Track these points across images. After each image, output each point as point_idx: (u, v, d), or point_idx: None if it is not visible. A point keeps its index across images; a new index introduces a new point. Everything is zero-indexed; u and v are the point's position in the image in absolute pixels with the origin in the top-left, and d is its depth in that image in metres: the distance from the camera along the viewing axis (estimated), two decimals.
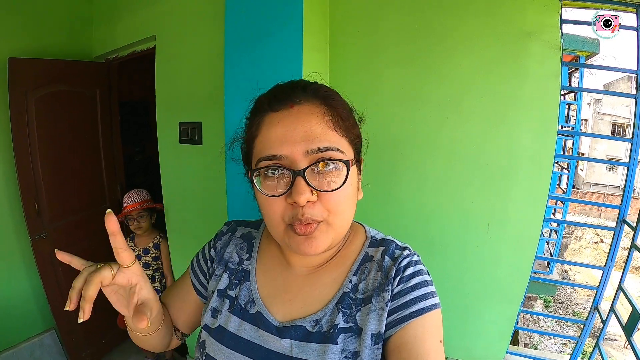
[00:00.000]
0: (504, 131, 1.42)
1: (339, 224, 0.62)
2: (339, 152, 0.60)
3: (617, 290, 1.56)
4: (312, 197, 0.58)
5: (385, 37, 1.54)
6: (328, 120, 0.62)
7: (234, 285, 0.74)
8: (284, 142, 0.60)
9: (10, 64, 2.16)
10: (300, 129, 0.60)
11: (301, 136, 0.59)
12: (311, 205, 0.59)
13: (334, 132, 0.62)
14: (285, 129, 0.60)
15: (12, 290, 2.47)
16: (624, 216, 1.51)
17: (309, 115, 0.61)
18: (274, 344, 0.65)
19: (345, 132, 0.64)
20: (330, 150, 0.59)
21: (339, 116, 0.63)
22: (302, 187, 0.57)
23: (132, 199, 2.37)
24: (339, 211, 0.61)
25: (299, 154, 0.59)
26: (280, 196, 0.59)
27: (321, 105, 0.63)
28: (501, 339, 1.63)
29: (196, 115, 2.03)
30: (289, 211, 0.60)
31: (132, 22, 2.34)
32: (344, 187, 0.60)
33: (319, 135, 0.60)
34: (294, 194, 0.57)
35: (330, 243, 0.62)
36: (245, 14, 1.46)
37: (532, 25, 1.33)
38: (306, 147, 0.59)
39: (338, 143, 0.61)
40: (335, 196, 0.60)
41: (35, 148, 2.30)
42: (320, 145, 0.59)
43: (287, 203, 0.60)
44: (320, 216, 0.60)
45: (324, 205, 0.60)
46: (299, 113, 0.62)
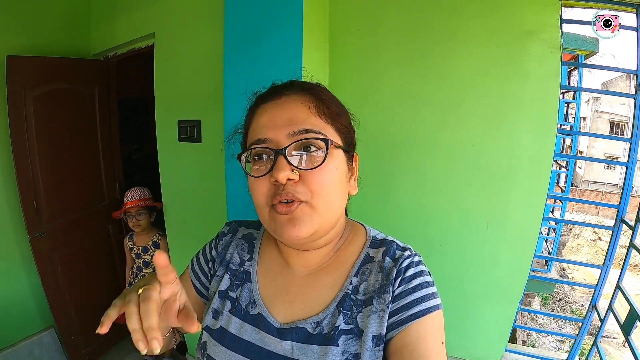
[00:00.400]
0: (504, 131, 1.42)
1: (323, 208, 0.62)
2: (320, 134, 0.62)
3: (615, 289, 1.57)
4: (293, 175, 0.60)
5: (385, 37, 1.54)
6: (312, 107, 0.65)
7: (235, 286, 0.74)
8: (269, 127, 0.63)
9: (8, 61, 2.15)
10: (285, 114, 0.64)
11: (285, 120, 0.63)
12: (293, 184, 0.60)
13: (318, 118, 0.64)
14: (272, 115, 0.65)
15: (11, 288, 2.46)
16: (623, 215, 1.51)
17: (294, 103, 0.65)
18: (275, 346, 0.65)
19: (330, 119, 0.66)
20: (312, 132, 0.62)
21: (324, 104, 0.66)
22: (282, 164, 0.59)
23: (132, 196, 2.38)
24: (322, 193, 0.61)
25: (282, 136, 0.62)
26: (264, 176, 0.62)
27: (307, 95, 0.66)
28: (500, 338, 1.64)
29: (195, 113, 2.03)
30: (272, 191, 0.62)
31: (131, 20, 2.33)
32: (326, 169, 0.61)
33: (302, 119, 0.63)
34: (274, 171, 0.59)
35: (315, 229, 0.62)
36: (245, 12, 1.46)
37: (532, 25, 1.33)
38: (289, 129, 0.62)
39: (322, 127, 0.64)
40: (318, 176, 0.61)
41: (34, 146, 2.29)
42: (302, 127, 0.62)
43: (270, 183, 0.61)
44: (303, 196, 0.60)
45: (307, 186, 0.60)
46: (285, 102, 0.66)
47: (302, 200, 0.60)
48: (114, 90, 2.78)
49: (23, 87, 2.21)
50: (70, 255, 2.55)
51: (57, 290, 2.49)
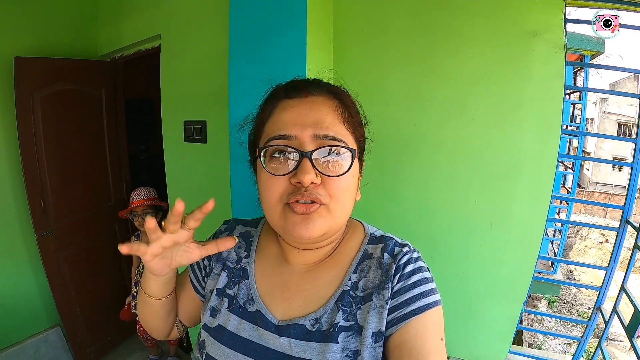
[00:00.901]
0: (508, 131, 1.42)
1: (338, 212, 0.63)
2: (343, 144, 0.63)
3: (620, 291, 1.56)
4: (317, 179, 0.60)
5: (389, 37, 1.54)
6: (339, 114, 0.65)
7: (232, 283, 0.75)
8: (295, 124, 0.62)
9: (16, 63, 2.18)
10: (312, 115, 0.63)
11: (312, 121, 0.62)
12: (315, 187, 0.60)
13: (342, 125, 0.65)
14: (298, 114, 0.64)
15: (17, 287, 2.49)
16: (628, 217, 1.50)
17: (321, 105, 0.65)
18: (274, 343, 0.65)
19: (352, 128, 0.66)
20: (336, 140, 0.62)
21: (348, 112, 0.66)
22: (308, 167, 0.59)
23: (138, 195, 2.39)
24: (340, 199, 0.62)
25: (307, 137, 0.61)
26: (284, 176, 0.61)
27: (334, 99, 0.66)
28: (504, 339, 1.63)
29: (201, 113, 2.04)
30: (290, 190, 0.61)
31: (138, 21, 2.36)
32: (347, 176, 0.62)
33: (329, 124, 0.63)
34: (300, 173, 0.59)
35: (326, 231, 0.63)
36: (250, 13, 1.47)
37: (536, 25, 1.32)
38: (315, 131, 0.61)
39: (344, 136, 0.64)
40: (339, 182, 0.61)
41: (41, 146, 2.32)
42: (328, 132, 0.61)
43: (289, 183, 0.61)
44: (324, 199, 0.61)
45: (327, 190, 0.61)
46: (312, 102, 0.65)
47: (323, 203, 0.61)
48: (121, 91, 2.81)
49: (31, 88, 2.24)
50: (76, 255, 2.58)
51: (64, 289, 2.51)
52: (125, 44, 2.50)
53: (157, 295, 0.74)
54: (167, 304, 0.77)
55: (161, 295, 0.74)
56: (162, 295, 0.74)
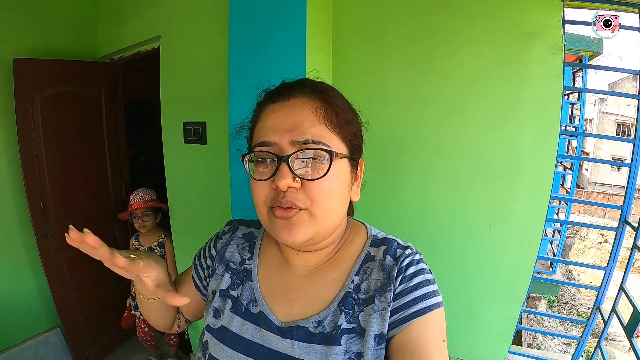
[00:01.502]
0: (506, 131, 1.42)
1: (321, 215, 0.62)
2: (323, 145, 0.61)
3: (619, 290, 1.56)
4: (294, 183, 0.60)
5: (389, 38, 1.54)
6: (319, 114, 0.64)
7: (236, 285, 0.75)
8: (274, 130, 0.63)
9: (15, 64, 2.18)
10: (290, 119, 0.63)
11: (290, 125, 0.62)
12: (294, 191, 0.60)
13: (323, 126, 0.63)
14: (278, 119, 0.64)
15: (17, 288, 2.49)
16: (626, 216, 1.50)
17: (301, 107, 0.64)
18: (277, 344, 0.65)
19: (337, 127, 0.65)
20: (312, 143, 0.61)
21: (332, 111, 0.65)
22: (284, 172, 0.59)
23: (138, 197, 2.39)
24: (322, 202, 0.61)
25: (285, 142, 0.61)
26: (266, 180, 0.62)
27: (317, 99, 0.65)
28: (503, 339, 1.63)
29: (201, 115, 2.04)
30: (272, 195, 0.62)
31: (137, 23, 2.36)
32: (327, 179, 0.61)
33: (306, 127, 0.62)
34: (276, 178, 0.59)
35: (312, 235, 0.63)
36: (249, 15, 1.47)
37: (534, 26, 1.33)
38: (292, 136, 0.61)
39: (325, 137, 0.62)
40: (319, 186, 0.61)
41: (41, 147, 2.32)
42: (304, 137, 0.61)
43: (271, 188, 0.62)
44: (302, 203, 0.61)
45: (307, 194, 0.61)
46: (293, 105, 0.65)
47: (301, 207, 0.61)
48: (120, 93, 2.81)
49: (31, 89, 2.24)
50: (76, 256, 2.52)
51: (63, 290, 2.51)
52: (124, 45, 2.50)
53: (149, 296, 0.75)
54: (162, 302, 0.77)
55: (153, 296, 0.75)
56: (153, 296, 0.75)
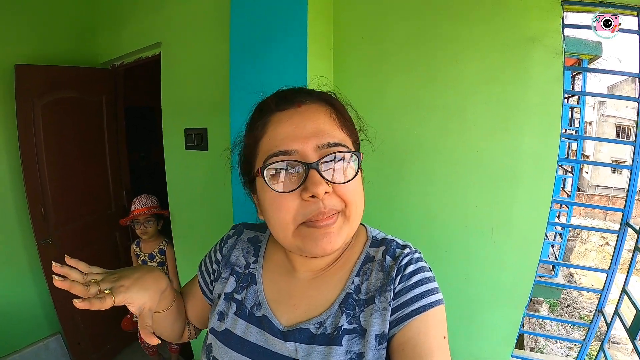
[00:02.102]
0: (507, 135, 1.42)
1: (354, 217, 0.63)
2: (347, 148, 0.63)
3: (622, 293, 1.56)
4: (328, 188, 0.59)
5: (389, 44, 1.55)
6: (335, 119, 0.64)
7: (240, 288, 0.75)
8: (294, 138, 0.61)
9: (17, 70, 2.19)
10: (310, 125, 0.62)
11: (311, 132, 0.61)
12: (328, 197, 0.60)
13: (341, 130, 0.65)
14: (295, 126, 0.62)
15: (18, 294, 2.49)
16: (628, 219, 1.50)
17: (316, 113, 0.64)
18: (280, 347, 0.66)
19: (349, 131, 0.67)
20: (339, 146, 0.61)
21: (342, 116, 0.66)
22: (317, 178, 0.58)
23: (140, 203, 2.38)
24: (354, 202, 0.62)
25: (310, 149, 0.60)
26: (294, 191, 0.59)
27: (327, 106, 0.66)
28: (506, 343, 1.63)
29: (202, 121, 2.05)
30: (305, 208, 0.60)
31: (138, 29, 2.37)
32: (355, 180, 0.62)
33: (329, 131, 0.62)
34: (311, 186, 0.57)
35: (345, 238, 0.63)
36: (250, 21, 1.48)
37: (534, 31, 1.33)
38: (317, 142, 0.60)
39: (345, 140, 0.64)
40: (350, 187, 0.61)
41: (42, 153, 2.32)
42: (330, 140, 0.61)
43: (301, 199, 0.60)
44: (339, 206, 0.61)
45: (340, 197, 0.61)
46: (307, 111, 0.64)
47: (338, 210, 0.61)
48: (121, 99, 2.82)
49: (31, 95, 2.25)
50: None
51: (64, 297, 2.49)
52: (125, 52, 2.51)
53: (156, 310, 0.74)
54: (169, 315, 0.78)
55: (159, 308, 0.75)
56: (160, 309, 0.75)
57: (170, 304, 0.77)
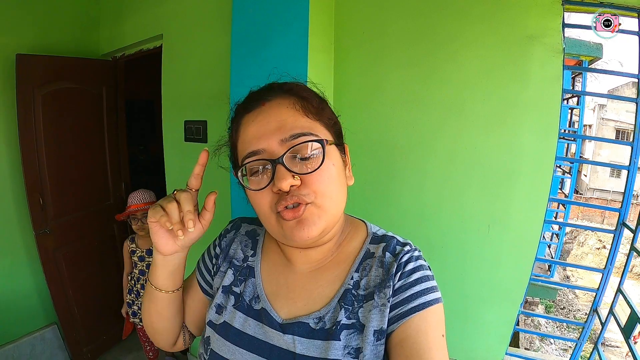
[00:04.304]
0: (505, 134, 1.43)
1: (328, 205, 0.63)
2: (313, 135, 0.63)
3: (617, 292, 1.57)
4: (295, 180, 0.60)
5: (390, 40, 1.55)
6: (298, 108, 0.65)
7: (238, 281, 0.75)
8: (260, 137, 0.63)
9: (18, 60, 2.19)
10: (273, 121, 0.63)
11: (274, 127, 0.62)
12: (296, 189, 0.61)
13: (306, 118, 0.65)
14: (259, 125, 0.64)
15: (15, 284, 2.49)
16: (624, 219, 1.51)
17: (278, 108, 0.65)
18: (278, 340, 0.66)
19: (316, 116, 0.66)
20: (303, 135, 0.62)
21: (308, 102, 0.66)
22: (282, 172, 0.59)
23: (137, 198, 2.31)
24: (326, 192, 0.62)
25: (274, 144, 0.61)
26: (266, 188, 0.62)
27: (289, 97, 0.66)
28: (500, 341, 1.63)
29: (202, 113, 2.05)
30: (276, 199, 0.62)
31: (139, 21, 2.37)
32: (325, 167, 0.62)
33: (291, 123, 0.63)
34: (277, 181, 0.59)
35: (324, 226, 0.63)
36: (252, 14, 1.48)
37: (534, 29, 1.34)
38: (280, 136, 0.62)
39: (310, 127, 0.64)
40: (318, 177, 0.61)
41: (41, 144, 2.32)
42: (292, 132, 0.62)
43: (273, 193, 0.62)
44: (308, 197, 0.61)
45: (310, 188, 0.61)
46: (270, 108, 0.65)
47: (308, 202, 0.61)
48: (122, 91, 2.81)
49: (32, 85, 2.24)
50: (74, 253, 2.57)
51: (61, 287, 2.51)
52: (127, 44, 2.51)
53: (164, 287, 0.73)
54: (174, 300, 0.76)
55: (169, 287, 0.74)
56: (169, 288, 0.74)
57: (179, 285, 0.76)
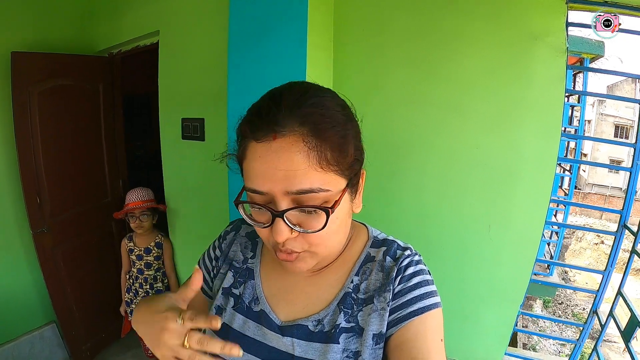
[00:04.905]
0: (507, 134, 1.41)
1: (323, 252, 0.63)
2: (322, 192, 0.57)
3: (617, 295, 1.56)
4: (292, 235, 0.58)
5: (390, 38, 1.53)
6: (312, 157, 0.56)
7: (238, 283, 0.75)
8: (265, 179, 0.57)
9: (13, 58, 2.16)
10: (281, 167, 0.55)
11: (282, 176, 0.55)
12: (292, 240, 0.59)
13: (320, 169, 0.56)
14: (267, 166, 0.57)
15: (13, 283, 2.48)
16: (625, 221, 1.50)
17: (290, 152, 0.56)
18: (277, 342, 0.66)
19: (333, 164, 0.58)
20: (311, 192, 0.56)
21: (326, 146, 0.57)
22: (281, 227, 0.56)
23: (136, 196, 2.30)
24: (321, 245, 0.61)
25: (279, 193, 0.56)
26: (265, 227, 0.59)
27: (307, 135, 0.56)
28: (500, 341, 1.63)
29: (199, 111, 2.03)
30: (272, 239, 0.60)
31: (136, 17, 2.34)
32: (327, 226, 0.57)
33: (300, 176, 0.55)
34: (274, 233, 0.57)
35: (315, 264, 0.64)
36: (250, 10, 1.46)
37: (537, 28, 1.32)
38: (286, 187, 0.55)
39: (322, 181, 0.57)
40: (318, 235, 0.58)
41: (38, 142, 2.30)
42: (300, 187, 0.55)
43: (270, 234, 0.59)
44: (301, 248, 0.60)
45: (306, 240, 0.59)
46: (280, 149, 0.56)
47: (301, 251, 0.61)
48: (119, 87, 2.78)
49: (28, 83, 2.22)
50: (72, 251, 2.56)
51: (59, 286, 2.50)
52: (123, 40, 2.48)
53: None
54: None
55: None
56: None
57: None
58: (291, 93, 0.60)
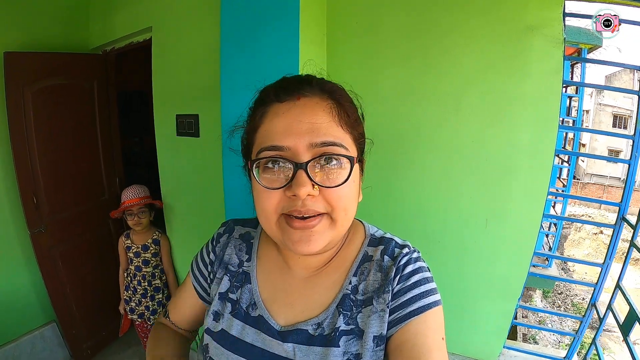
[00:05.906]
0: (504, 127, 1.40)
1: (341, 221, 0.61)
2: (343, 148, 0.59)
3: (615, 288, 1.56)
4: (314, 191, 0.56)
5: (385, 32, 1.51)
6: (334, 115, 0.60)
7: (235, 288, 0.74)
8: (288, 133, 0.58)
9: (6, 58, 2.14)
10: (306, 121, 0.58)
11: (306, 128, 0.58)
12: (312, 199, 0.57)
13: (340, 128, 0.60)
14: (291, 120, 0.59)
15: (12, 284, 2.47)
16: (624, 213, 1.49)
17: (315, 108, 0.60)
18: (277, 348, 0.65)
19: (350, 128, 0.62)
20: (334, 145, 0.58)
21: (345, 111, 0.62)
22: (303, 179, 0.55)
23: (132, 194, 2.29)
24: (342, 207, 0.59)
25: (302, 146, 0.57)
26: (279, 189, 0.58)
27: (328, 99, 0.62)
28: (498, 334, 1.64)
29: (193, 107, 2.02)
30: (286, 202, 0.58)
31: (129, 13, 2.32)
32: (347, 184, 0.58)
33: (325, 129, 0.58)
34: (295, 186, 0.55)
35: (328, 242, 0.61)
36: (241, 6, 1.44)
37: (534, 20, 1.30)
38: (310, 139, 0.57)
39: (343, 139, 0.60)
40: (339, 191, 0.58)
41: (33, 142, 2.28)
42: (325, 139, 0.57)
43: (285, 196, 0.58)
44: (324, 209, 0.58)
45: (327, 201, 0.58)
46: (305, 105, 0.60)
47: (323, 212, 0.58)
48: (113, 84, 2.76)
49: (21, 83, 2.20)
50: (71, 250, 2.56)
51: (58, 285, 2.50)
52: (116, 37, 2.46)
53: None
54: None
55: None
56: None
57: None
58: (311, 76, 0.67)
